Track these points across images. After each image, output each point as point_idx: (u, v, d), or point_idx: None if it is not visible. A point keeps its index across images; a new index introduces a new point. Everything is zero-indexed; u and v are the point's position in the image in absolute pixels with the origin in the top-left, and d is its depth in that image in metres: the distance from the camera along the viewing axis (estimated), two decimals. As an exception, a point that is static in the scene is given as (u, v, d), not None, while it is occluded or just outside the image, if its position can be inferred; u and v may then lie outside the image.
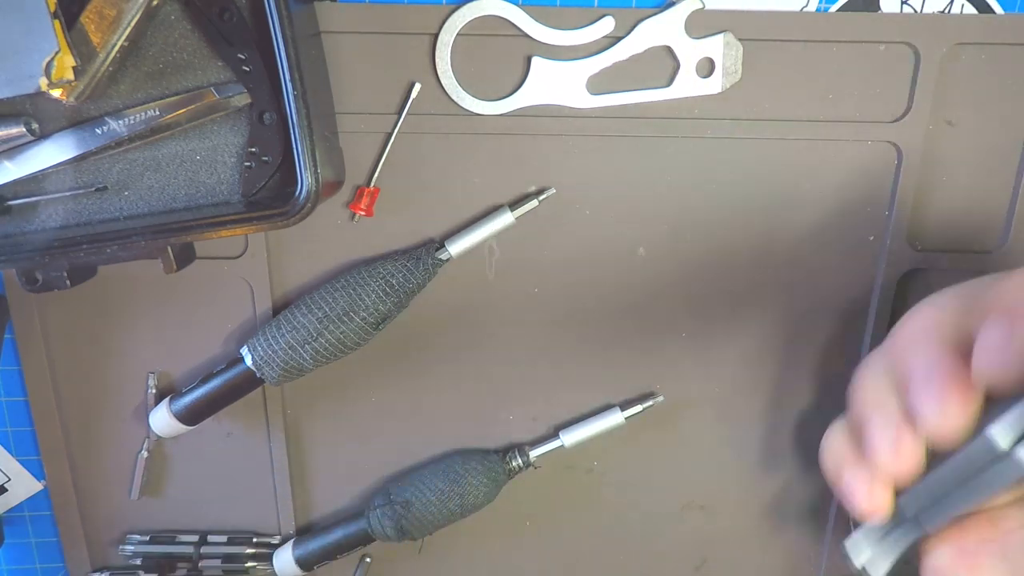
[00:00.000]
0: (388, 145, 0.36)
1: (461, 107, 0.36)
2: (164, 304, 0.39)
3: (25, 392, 0.41)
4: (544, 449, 0.41)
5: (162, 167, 0.33)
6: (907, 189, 0.37)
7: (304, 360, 0.36)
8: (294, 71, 0.30)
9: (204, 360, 0.41)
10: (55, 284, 0.34)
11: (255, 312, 0.39)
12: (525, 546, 0.44)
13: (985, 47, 0.35)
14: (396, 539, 0.40)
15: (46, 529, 0.44)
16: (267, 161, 0.33)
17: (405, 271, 0.36)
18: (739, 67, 0.35)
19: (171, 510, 0.43)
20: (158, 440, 0.41)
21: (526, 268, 0.39)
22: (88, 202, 0.34)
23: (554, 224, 0.38)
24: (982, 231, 0.38)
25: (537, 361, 0.41)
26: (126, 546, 0.43)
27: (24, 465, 0.42)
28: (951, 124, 0.36)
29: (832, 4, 0.34)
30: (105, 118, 0.32)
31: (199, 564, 0.42)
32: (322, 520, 0.44)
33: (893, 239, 0.38)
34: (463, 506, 0.39)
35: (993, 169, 0.37)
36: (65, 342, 0.40)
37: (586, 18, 0.34)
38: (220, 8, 0.31)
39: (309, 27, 0.33)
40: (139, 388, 0.41)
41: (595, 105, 0.35)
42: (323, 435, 0.42)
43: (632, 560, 0.44)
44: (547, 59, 0.35)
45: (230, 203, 0.34)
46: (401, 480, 0.41)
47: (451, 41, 0.35)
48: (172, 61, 0.32)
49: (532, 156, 0.37)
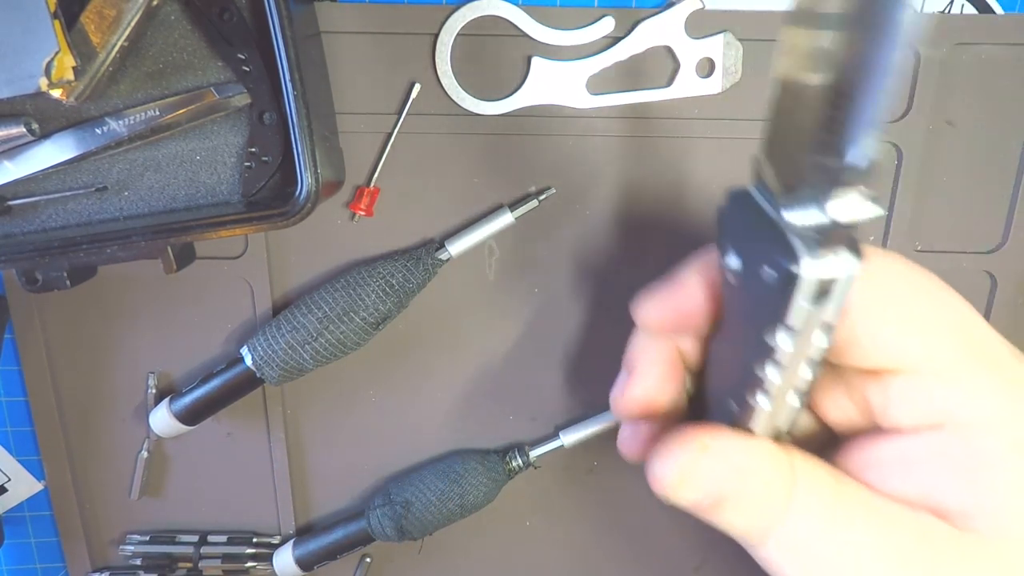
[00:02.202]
0: (388, 145, 0.36)
1: (461, 107, 0.36)
2: (164, 304, 0.39)
3: (25, 392, 0.41)
4: (544, 449, 0.41)
5: (162, 167, 0.33)
6: (907, 189, 0.37)
7: (304, 360, 0.36)
8: (294, 71, 0.30)
9: (204, 360, 0.41)
10: (55, 284, 0.34)
11: (255, 312, 0.39)
12: (525, 546, 0.44)
13: (985, 47, 0.35)
14: (396, 539, 0.40)
15: (46, 529, 0.44)
16: (267, 161, 0.33)
17: (405, 271, 0.36)
18: (739, 67, 0.35)
19: (171, 510, 0.43)
20: (158, 440, 0.41)
21: (526, 268, 0.39)
22: (88, 202, 0.34)
23: (554, 224, 0.38)
24: (982, 231, 0.38)
25: (537, 361, 0.41)
26: (126, 546, 0.43)
27: (24, 465, 0.42)
28: (951, 124, 0.36)
29: (832, 4, 0.34)
30: (105, 118, 0.32)
31: (199, 564, 0.42)
32: (322, 520, 0.44)
33: (893, 239, 0.38)
34: (463, 506, 0.39)
35: (993, 169, 0.37)
36: (65, 342, 0.40)
37: (586, 18, 0.34)
38: (220, 8, 0.31)
39: (309, 27, 0.33)
40: (139, 388, 0.41)
41: (595, 105, 0.35)
42: (323, 435, 0.42)
43: (632, 560, 0.44)
44: (547, 59, 0.35)
45: (230, 203, 0.34)
46: (401, 480, 0.41)
47: (451, 41, 0.35)
48: (172, 61, 0.32)
49: (532, 156, 0.37)
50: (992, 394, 0.21)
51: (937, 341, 0.21)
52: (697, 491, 0.22)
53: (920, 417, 0.21)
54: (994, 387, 0.21)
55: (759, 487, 0.21)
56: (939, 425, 0.21)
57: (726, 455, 0.22)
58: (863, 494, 0.22)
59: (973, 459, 0.20)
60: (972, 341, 0.21)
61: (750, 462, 0.22)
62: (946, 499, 0.21)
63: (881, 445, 0.22)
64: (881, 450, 0.22)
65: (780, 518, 0.21)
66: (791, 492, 0.21)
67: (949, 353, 0.21)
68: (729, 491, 0.22)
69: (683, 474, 0.22)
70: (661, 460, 0.22)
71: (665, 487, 0.22)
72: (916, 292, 0.21)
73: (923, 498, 0.21)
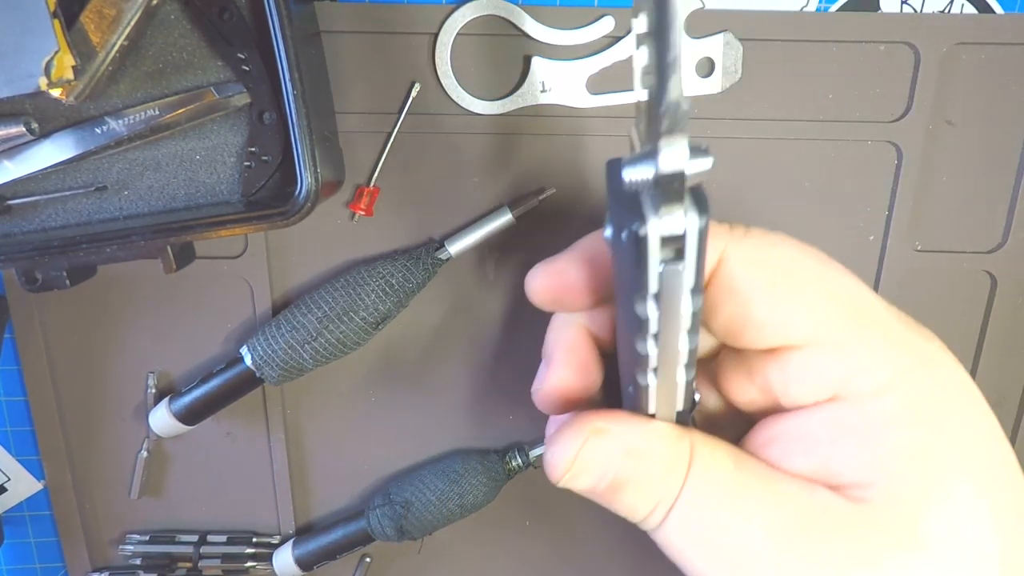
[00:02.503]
0: (388, 145, 0.36)
1: (461, 107, 0.36)
2: (164, 304, 0.39)
3: (25, 392, 0.41)
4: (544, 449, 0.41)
5: (162, 167, 0.33)
6: (907, 189, 0.37)
7: (304, 360, 0.36)
8: (294, 71, 0.30)
9: (204, 360, 0.41)
10: (55, 284, 0.34)
11: (255, 312, 0.39)
12: (525, 546, 0.44)
13: (985, 47, 0.35)
14: (396, 539, 0.40)
15: (46, 529, 0.44)
16: (267, 161, 0.33)
17: (405, 271, 0.36)
18: (739, 67, 0.35)
19: (171, 510, 0.43)
20: (158, 440, 0.41)
21: (526, 268, 0.39)
22: (88, 202, 0.34)
23: (554, 224, 0.38)
24: (982, 231, 0.38)
25: (537, 361, 0.40)
26: (126, 546, 0.43)
27: (24, 465, 0.42)
28: (951, 124, 0.36)
29: (832, 4, 0.34)
30: (105, 118, 0.32)
31: (199, 564, 0.42)
32: (322, 520, 0.44)
33: (893, 239, 0.38)
34: (463, 506, 0.39)
35: (993, 169, 0.37)
36: (65, 342, 0.40)
37: (586, 18, 0.34)
38: (220, 8, 0.31)
39: (309, 27, 0.33)
40: (139, 388, 0.41)
41: (595, 105, 0.35)
42: (323, 435, 0.42)
43: (631, 560, 0.44)
44: (547, 59, 0.35)
45: (230, 203, 0.34)
46: (401, 480, 0.41)
47: (451, 41, 0.35)
48: (172, 61, 0.32)
49: (532, 156, 0.37)
50: (881, 360, 0.21)
51: (825, 314, 0.21)
52: (591, 476, 0.22)
53: (816, 391, 0.21)
54: (883, 353, 0.21)
55: (653, 469, 0.21)
56: (834, 397, 0.21)
57: (619, 438, 0.22)
58: (760, 472, 0.22)
59: (865, 428, 0.21)
60: (859, 311, 0.21)
61: (644, 444, 0.21)
62: (841, 472, 0.21)
63: (782, 423, 0.22)
64: (782, 427, 0.22)
65: (675, 498, 0.21)
66: (687, 471, 0.21)
67: (838, 324, 0.21)
68: (623, 475, 0.21)
69: (577, 460, 0.22)
70: (553, 447, 0.22)
71: (558, 474, 0.22)
72: (802, 268, 0.22)
73: (820, 472, 0.21)
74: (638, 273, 0.18)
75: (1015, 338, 0.39)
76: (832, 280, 0.22)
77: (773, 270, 0.21)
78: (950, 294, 0.39)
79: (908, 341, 0.21)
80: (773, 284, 0.21)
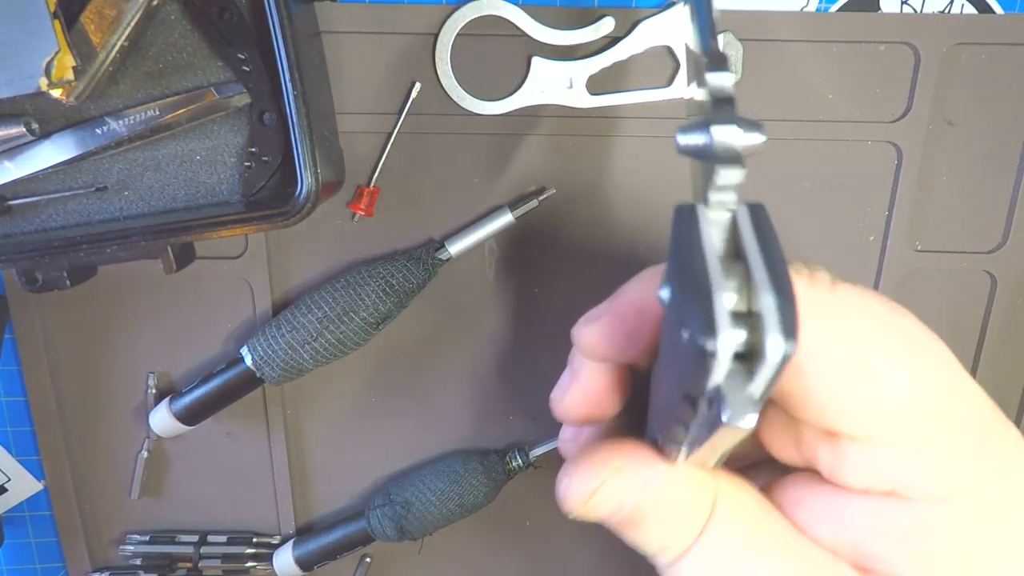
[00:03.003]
0: (388, 145, 0.36)
1: (461, 107, 0.36)
2: (164, 304, 0.39)
3: (25, 392, 0.41)
4: (544, 449, 0.40)
5: (162, 167, 0.33)
6: (907, 189, 0.37)
7: (304, 360, 0.36)
8: (294, 71, 0.30)
9: (204, 360, 0.41)
10: (55, 284, 0.34)
11: (255, 312, 0.39)
12: (525, 546, 0.44)
13: (985, 47, 0.35)
14: (396, 539, 0.40)
15: (46, 529, 0.44)
16: (267, 161, 0.33)
17: (405, 271, 0.36)
18: (739, 67, 0.35)
19: (171, 510, 0.43)
20: (158, 440, 0.41)
21: (526, 268, 0.39)
22: (88, 202, 0.34)
23: (554, 224, 0.38)
24: (982, 231, 0.38)
25: (537, 361, 0.41)
26: (126, 546, 0.43)
27: (24, 465, 0.42)
28: (951, 124, 0.36)
29: (832, 4, 0.34)
30: (105, 118, 0.32)
31: (199, 564, 0.42)
32: (322, 520, 0.44)
33: (893, 239, 0.38)
34: (463, 506, 0.39)
35: (993, 169, 0.37)
36: (65, 342, 0.40)
37: (586, 18, 0.34)
38: (220, 8, 0.31)
39: (309, 27, 0.33)
40: (139, 388, 0.41)
41: (595, 105, 0.35)
42: (323, 435, 0.42)
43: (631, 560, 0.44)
44: (547, 59, 0.35)
45: (230, 203, 0.34)
46: (401, 480, 0.41)
47: (451, 41, 0.35)
48: (172, 61, 0.32)
49: (532, 156, 0.37)
50: (954, 468, 0.19)
51: (905, 413, 0.18)
52: (606, 510, 0.21)
53: (871, 484, 0.19)
54: (958, 460, 0.19)
55: (673, 511, 0.20)
56: (889, 493, 0.19)
57: (642, 475, 0.21)
58: (785, 531, 0.21)
59: (917, 531, 0.19)
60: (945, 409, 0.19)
61: (666, 485, 0.20)
62: (875, 558, 0.20)
63: (820, 492, 0.21)
64: (819, 496, 0.21)
65: (692, 542, 0.20)
66: (708, 517, 0.20)
67: (917, 426, 0.18)
68: (641, 512, 0.21)
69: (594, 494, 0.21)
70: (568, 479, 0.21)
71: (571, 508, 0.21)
72: (888, 350, 0.18)
73: (847, 551, 0.20)
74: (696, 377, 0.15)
75: (1015, 338, 0.39)
76: (922, 368, 0.19)
77: (854, 347, 0.18)
78: (950, 294, 0.39)
79: (990, 445, 0.19)
80: (851, 367, 0.18)
